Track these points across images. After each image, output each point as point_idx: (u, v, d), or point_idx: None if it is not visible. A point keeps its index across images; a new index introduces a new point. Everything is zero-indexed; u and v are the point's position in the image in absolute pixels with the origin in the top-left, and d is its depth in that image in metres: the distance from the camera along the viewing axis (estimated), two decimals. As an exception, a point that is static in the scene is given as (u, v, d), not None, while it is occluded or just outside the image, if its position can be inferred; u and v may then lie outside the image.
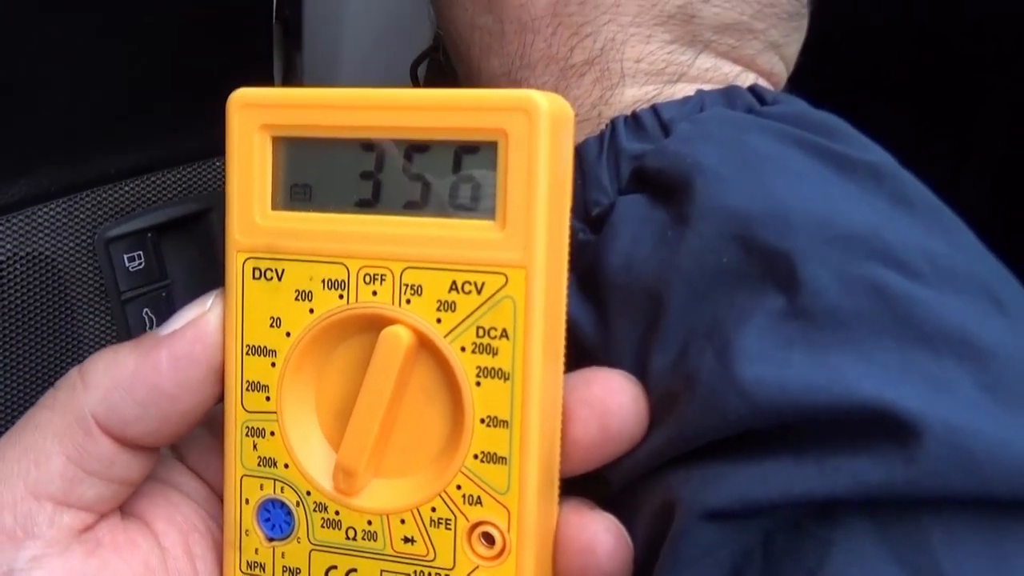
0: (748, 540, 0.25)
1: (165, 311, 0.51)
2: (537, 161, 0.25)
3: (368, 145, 0.27)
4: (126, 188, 0.49)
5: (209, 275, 0.54)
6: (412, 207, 0.27)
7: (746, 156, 0.28)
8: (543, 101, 0.25)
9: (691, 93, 0.32)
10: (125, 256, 0.49)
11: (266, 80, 0.57)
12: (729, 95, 0.31)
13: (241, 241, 0.28)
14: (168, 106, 0.50)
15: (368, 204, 0.27)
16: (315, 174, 0.28)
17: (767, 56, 0.34)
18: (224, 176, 0.41)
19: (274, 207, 0.28)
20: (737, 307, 0.26)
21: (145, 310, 0.50)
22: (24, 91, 0.44)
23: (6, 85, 0.44)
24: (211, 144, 0.52)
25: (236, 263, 0.28)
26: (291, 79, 0.61)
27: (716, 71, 0.33)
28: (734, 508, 0.25)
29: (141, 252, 0.50)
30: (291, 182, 0.28)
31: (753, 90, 0.32)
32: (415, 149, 0.26)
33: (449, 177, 0.26)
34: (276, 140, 0.28)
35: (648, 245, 0.28)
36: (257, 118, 0.28)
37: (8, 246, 0.45)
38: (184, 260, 0.53)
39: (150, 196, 0.50)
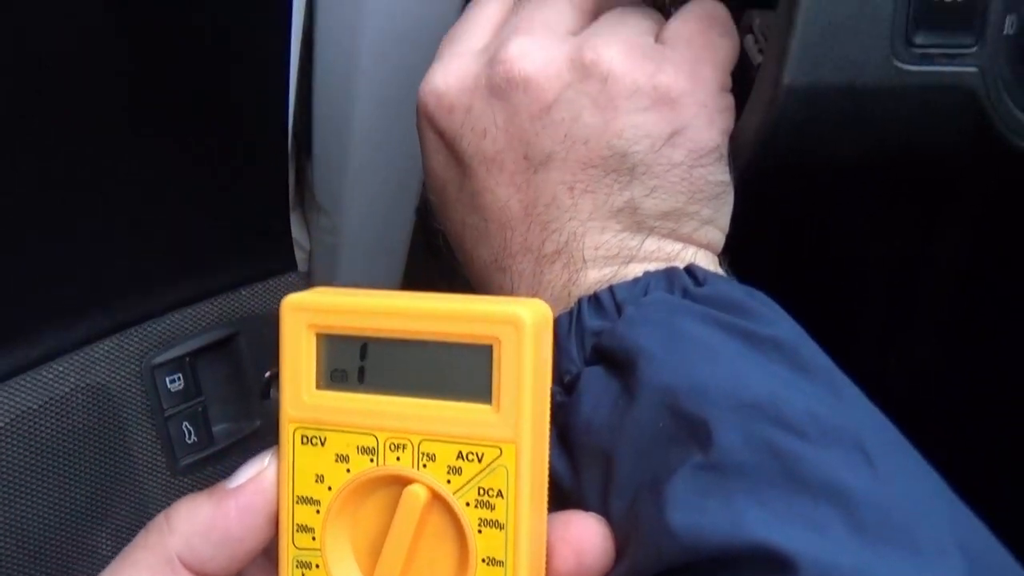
0: None
1: (201, 424, 0.58)
2: (523, 361, 0.32)
3: (392, 342, 0.34)
4: (167, 322, 0.56)
5: (237, 390, 0.60)
6: (427, 392, 0.33)
7: (676, 339, 0.35)
8: (527, 316, 0.32)
9: (640, 274, 0.39)
10: (167, 379, 0.56)
11: (281, 203, 0.63)
12: (670, 277, 0.39)
13: (292, 414, 0.35)
14: (200, 248, 0.57)
15: (392, 388, 0.34)
16: (350, 363, 0.35)
17: (703, 231, 0.42)
18: (250, 306, 0.47)
19: (318, 387, 0.35)
20: (670, 463, 0.33)
21: (184, 423, 0.57)
22: (86, 246, 0.51)
23: (70, 239, 0.51)
24: (237, 278, 0.59)
25: (288, 431, 0.35)
26: (301, 187, 0.68)
27: (660, 251, 0.40)
28: None
29: (180, 374, 0.57)
30: (331, 368, 0.35)
31: (689, 270, 0.39)
32: (429, 346, 0.33)
33: (455, 370, 0.33)
34: (319, 336, 0.35)
35: (605, 411, 0.36)
36: (304, 319, 0.34)
37: (72, 379, 0.52)
38: (217, 378, 0.60)
39: (187, 326, 0.57)
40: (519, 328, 0.32)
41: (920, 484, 0.33)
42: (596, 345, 0.37)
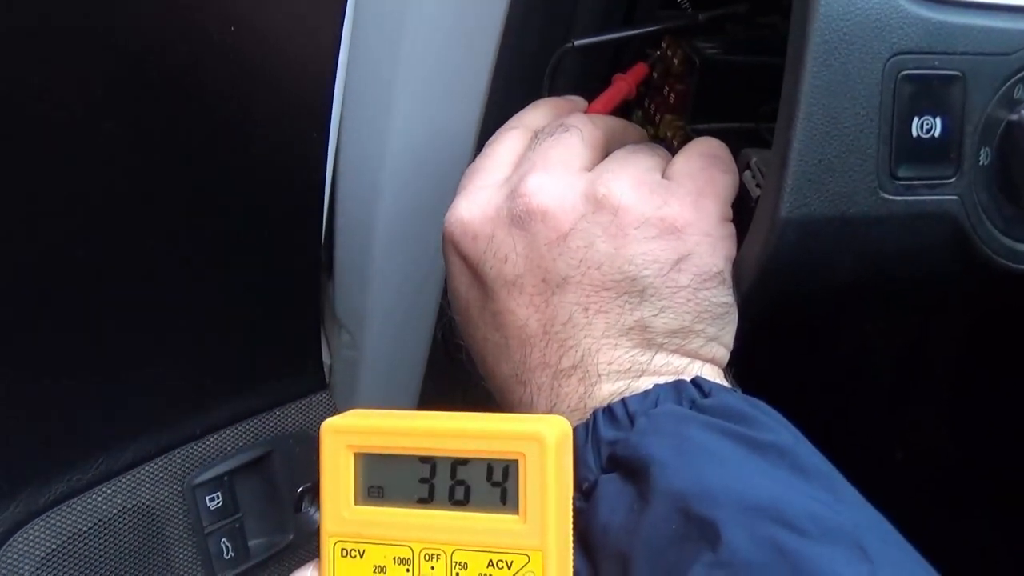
0: None
1: (238, 538, 0.60)
2: (546, 474, 0.34)
3: (424, 458, 0.36)
4: (207, 443, 0.58)
5: (271, 505, 0.62)
6: (458, 504, 0.36)
7: (685, 447, 0.38)
8: (549, 433, 0.34)
9: (651, 386, 0.41)
10: (207, 497, 0.58)
11: (312, 325, 0.66)
12: (678, 389, 0.41)
13: (332, 529, 0.37)
14: (237, 372, 0.60)
15: (425, 501, 0.36)
16: (385, 479, 0.37)
17: (709, 347, 0.44)
18: (283, 426, 0.50)
19: (356, 503, 0.37)
20: (682, 562, 0.35)
21: (223, 540, 0.59)
22: (134, 375, 0.54)
23: (120, 369, 0.54)
24: (272, 399, 0.62)
25: (328, 544, 0.37)
26: (321, 305, 0.70)
27: (669, 365, 0.43)
28: None
29: (219, 492, 0.59)
30: (368, 484, 0.37)
31: (696, 382, 0.42)
32: (458, 462, 0.36)
33: (484, 483, 0.35)
34: (357, 455, 0.37)
35: (621, 515, 0.38)
36: (342, 440, 0.37)
37: (119, 501, 0.54)
38: (253, 494, 0.61)
39: (226, 446, 0.59)
40: (542, 445, 0.34)
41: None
42: (611, 454, 0.40)
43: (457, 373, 0.49)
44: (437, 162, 0.65)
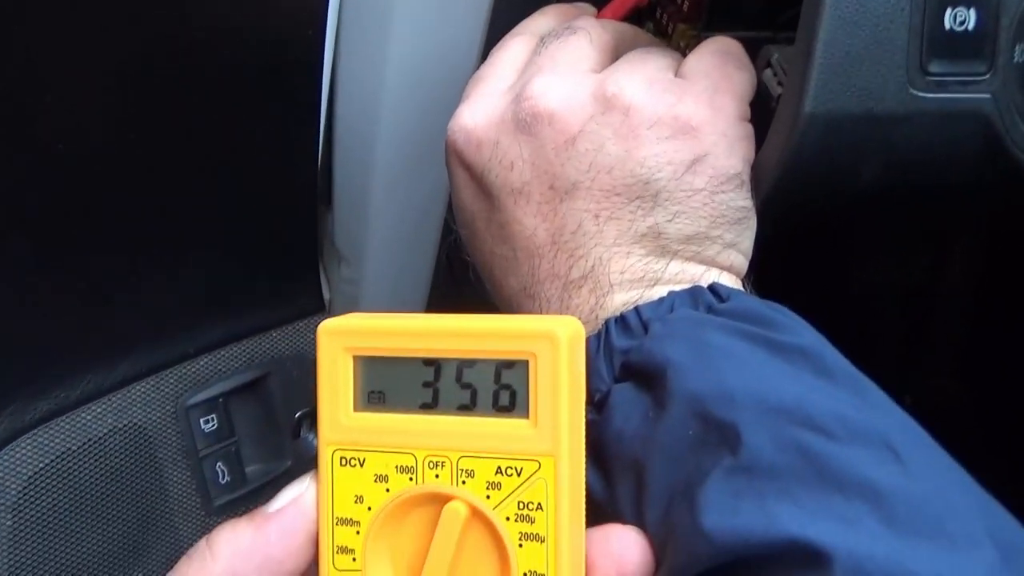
0: None
1: (234, 463, 0.58)
2: (559, 375, 0.32)
3: (428, 361, 0.34)
4: (201, 363, 0.56)
5: (268, 430, 0.60)
6: (464, 409, 0.33)
7: (703, 349, 0.35)
8: (561, 331, 0.32)
9: (666, 294, 0.39)
10: (201, 420, 0.56)
11: (310, 246, 0.63)
12: (694, 295, 0.39)
13: (330, 436, 0.35)
14: (232, 291, 0.58)
15: (429, 407, 0.34)
16: (387, 383, 0.34)
17: (726, 254, 0.42)
18: (280, 348, 0.47)
19: (355, 409, 0.35)
20: (701, 468, 0.33)
21: (218, 464, 0.57)
22: (123, 290, 0.52)
23: (107, 284, 0.51)
24: (268, 320, 0.59)
25: (327, 453, 0.35)
26: (320, 238, 0.68)
27: (685, 273, 0.40)
28: None
29: (214, 415, 0.57)
30: (368, 389, 0.35)
31: (713, 288, 0.39)
32: (465, 364, 0.33)
33: (492, 386, 0.33)
34: (356, 358, 0.34)
35: (635, 423, 0.36)
36: (340, 342, 0.34)
37: (109, 420, 0.52)
38: (249, 418, 0.59)
39: (220, 367, 0.57)
40: (554, 343, 0.32)
41: (949, 478, 0.33)
42: (625, 362, 0.37)
43: (462, 301, 0.46)
44: (439, 81, 0.62)
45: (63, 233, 0.48)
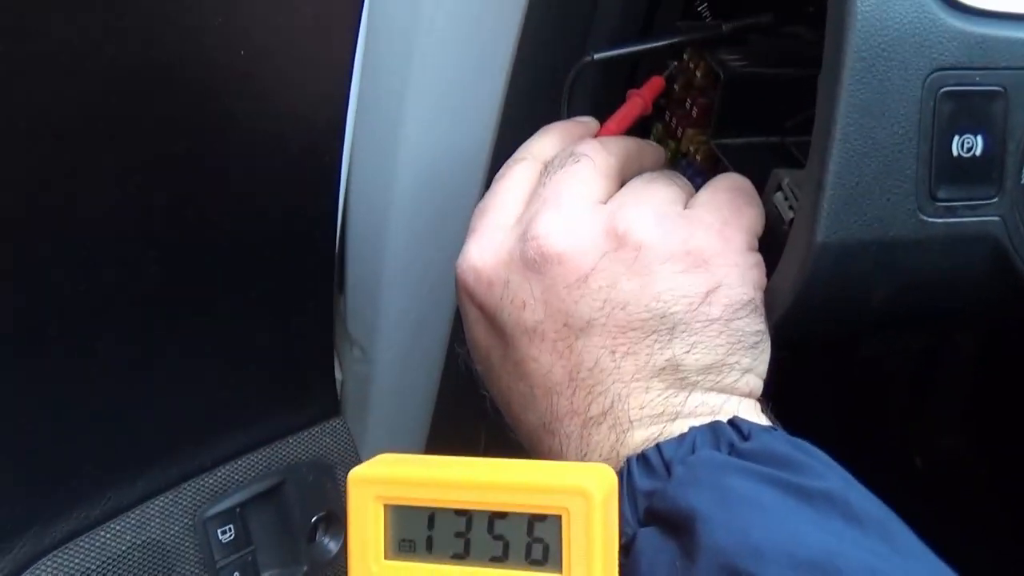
0: None
1: (251, 572, 0.57)
2: (593, 531, 0.32)
3: (460, 512, 0.34)
4: (219, 474, 0.55)
5: (284, 535, 0.60)
6: (496, 560, 0.33)
7: (728, 498, 0.35)
8: (595, 488, 0.32)
9: (687, 429, 0.39)
10: (219, 531, 0.55)
11: (326, 351, 0.63)
12: (715, 433, 0.39)
13: None
14: (248, 401, 0.57)
15: (461, 556, 0.34)
16: (418, 532, 0.34)
17: (744, 379, 0.42)
18: (296, 454, 0.47)
19: (386, 557, 0.35)
20: None
21: (235, 574, 0.56)
22: (139, 406, 0.52)
23: (124, 401, 0.51)
24: (284, 427, 0.59)
25: (359, 603, 0.35)
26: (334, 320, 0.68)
27: (705, 405, 0.40)
28: None
29: (231, 525, 0.56)
30: (399, 538, 0.35)
31: (734, 424, 0.39)
32: (497, 516, 0.33)
33: (524, 538, 0.33)
34: (387, 507, 0.35)
35: (662, 572, 0.35)
36: (371, 491, 0.35)
37: (128, 537, 0.51)
38: (265, 525, 0.59)
39: (237, 477, 0.57)
40: (588, 500, 0.32)
41: None
42: (649, 507, 0.37)
43: (474, 385, 0.46)
44: (450, 175, 0.63)
45: (78, 347, 0.48)
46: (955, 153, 0.42)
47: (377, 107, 0.60)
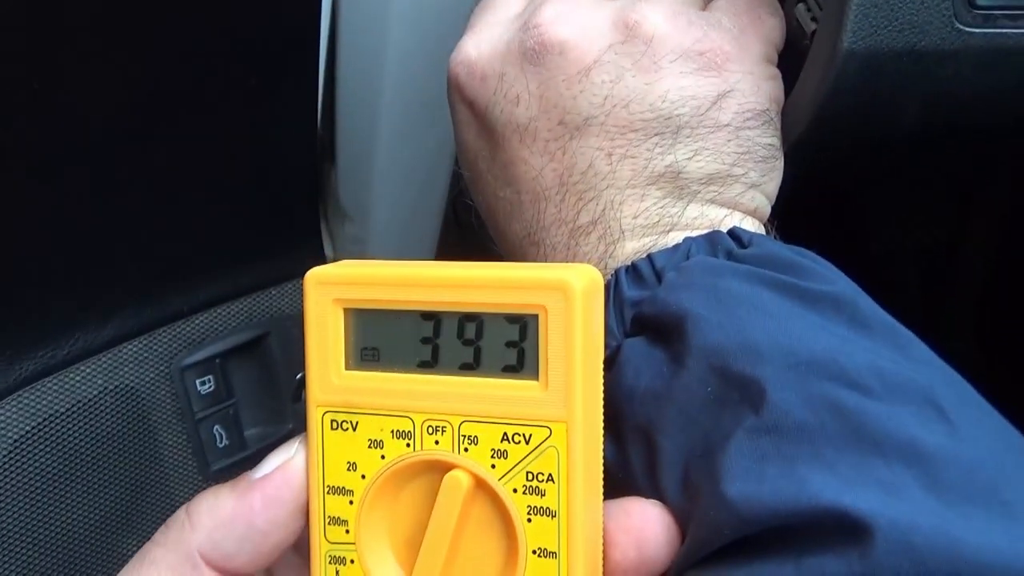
0: None
1: (233, 427, 0.54)
2: (573, 332, 0.28)
3: (427, 315, 0.30)
4: (197, 321, 0.52)
5: (268, 393, 0.56)
6: (466, 368, 0.29)
7: (723, 299, 0.31)
8: (576, 282, 0.28)
9: (681, 241, 0.35)
10: (197, 381, 0.52)
11: (310, 201, 0.59)
12: (712, 241, 0.35)
13: (320, 397, 0.31)
14: (228, 247, 0.54)
15: (428, 365, 0.30)
16: (382, 339, 0.30)
17: (749, 195, 0.37)
18: (280, 306, 0.43)
19: (347, 367, 0.31)
20: (721, 429, 0.29)
21: (216, 427, 0.53)
22: (112, 244, 0.48)
23: (96, 238, 0.47)
24: (267, 277, 0.55)
25: (316, 416, 0.31)
26: (324, 196, 0.64)
27: (703, 218, 0.36)
28: None
29: (211, 376, 0.53)
30: (361, 346, 0.31)
31: (733, 233, 0.35)
32: (467, 319, 0.29)
33: (498, 343, 0.29)
34: (347, 311, 0.31)
35: (647, 380, 0.31)
36: (330, 293, 0.30)
37: (99, 382, 0.48)
38: (247, 379, 0.56)
39: (216, 326, 0.53)
40: (568, 295, 0.28)
41: (1001, 439, 0.28)
42: (636, 315, 0.33)
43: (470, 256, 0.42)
44: (444, 31, 0.58)
45: (45, 180, 0.44)
46: (998, -47, 0.37)
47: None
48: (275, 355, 0.56)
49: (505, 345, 0.29)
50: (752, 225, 0.37)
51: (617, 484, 0.31)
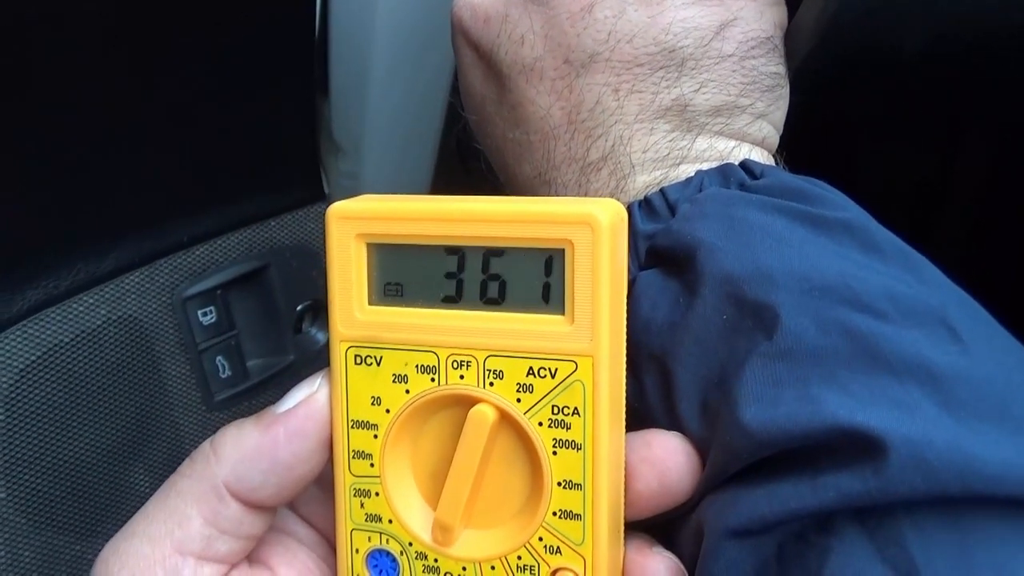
0: (764, 552, 0.27)
1: (235, 357, 0.53)
2: (599, 266, 0.27)
3: (451, 249, 0.29)
4: (197, 252, 0.51)
5: (269, 324, 0.56)
6: (491, 303, 0.29)
7: (737, 227, 0.31)
8: (603, 216, 0.27)
9: (692, 174, 0.34)
10: (199, 312, 0.51)
11: (309, 132, 0.58)
12: (724, 172, 0.34)
13: (344, 332, 0.30)
14: (228, 178, 0.52)
15: (453, 300, 0.29)
16: (405, 274, 0.30)
17: (757, 125, 0.37)
18: (279, 238, 0.42)
19: (371, 303, 0.30)
20: (736, 356, 0.29)
21: (218, 358, 0.53)
22: (113, 175, 0.46)
23: (97, 168, 0.46)
24: (266, 208, 0.54)
25: (340, 351, 0.30)
26: (318, 130, 0.63)
27: (712, 150, 0.35)
28: (750, 526, 0.27)
29: (213, 307, 0.52)
30: (384, 281, 0.30)
31: (744, 165, 0.34)
32: (492, 253, 0.29)
33: (523, 278, 0.28)
34: (370, 246, 0.30)
35: (663, 311, 0.31)
36: (352, 228, 0.30)
37: (103, 311, 0.47)
38: (249, 311, 0.55)
39: (217, 257, 0.52)
40: (595, 229, 0.27)
41: (1012, 358, 0.28)
42: (651, 247, 0.33)
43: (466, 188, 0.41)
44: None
45: (45, 110, 0.42)
46: None
47: None
48: (276, 287, 0.55)
49: (531, 279, 0.28)
50: (761, 156, 0.36)
51: (635, 415, 0.31)
